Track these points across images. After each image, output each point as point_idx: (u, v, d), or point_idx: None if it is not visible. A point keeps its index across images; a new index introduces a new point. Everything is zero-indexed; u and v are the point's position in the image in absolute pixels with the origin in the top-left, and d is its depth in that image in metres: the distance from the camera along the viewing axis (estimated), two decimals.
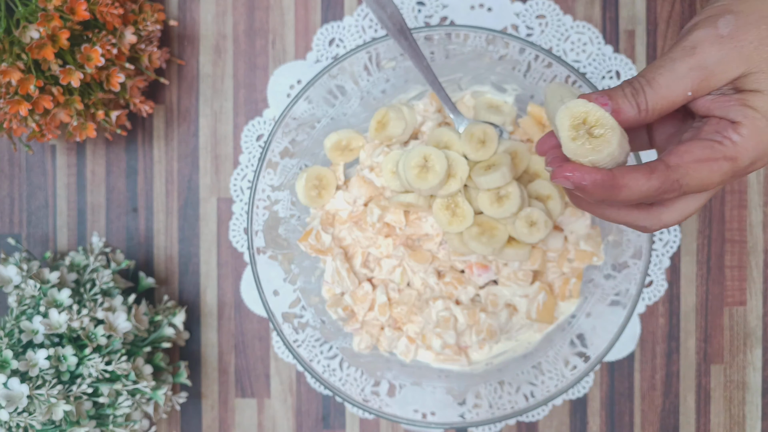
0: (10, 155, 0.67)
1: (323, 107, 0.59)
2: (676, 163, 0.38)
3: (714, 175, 0.38)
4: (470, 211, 0.55)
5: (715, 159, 0.38)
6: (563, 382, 0.58)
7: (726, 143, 0.38)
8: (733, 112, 0.38)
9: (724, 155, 0.38)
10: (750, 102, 0.38)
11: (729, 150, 0.38)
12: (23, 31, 0.53)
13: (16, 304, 0.58)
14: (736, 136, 0.38)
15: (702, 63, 0.38)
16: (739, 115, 0.38)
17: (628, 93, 0.39)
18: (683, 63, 0.38)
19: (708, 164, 0.38)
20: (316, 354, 0.60)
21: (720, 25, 0.38)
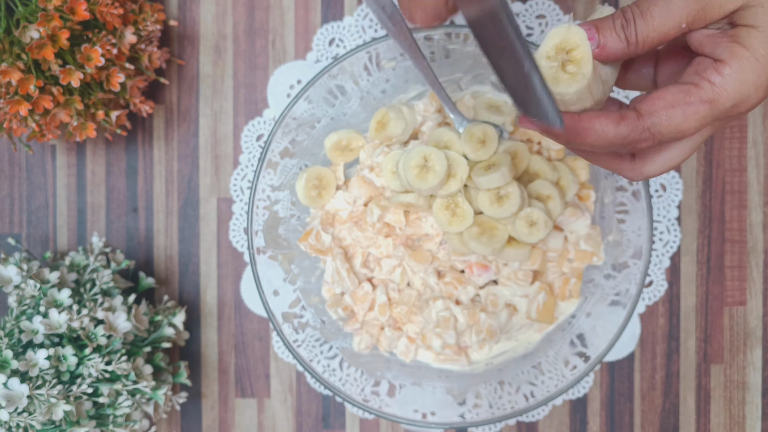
0: (10, 155, 0.67)
1: (323, 107, 0.59)
2: (647, 109, 0.36)
3: (689, 120, 0.36)
4: (470, 211, 0.55)
5: (689, 103, 0.36)
6: (563, 382, 0.58)
7: (703, 85, 0.36)
8: (720, 49, 0.36)
9: (700, 98, 0.36)
10: (741, 38, 0.35)
11: (706, 93, 0.36)
12: (23, 31, 0.53)
13: (16, 304, 0.58)
14: (717, 77, 0.35)
15: (698, 4, 0.35)
16: (725, 52, 0.35)
17: (618, 25, 0.36)
18: (681, 5, 0.35)
19: (681, 109, 0.36)
20: (316, 354, 0.60)
21: None
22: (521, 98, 0.36)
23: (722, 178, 0.66)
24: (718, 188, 0.66)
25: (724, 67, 0.36)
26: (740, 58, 0.35)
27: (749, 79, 0.35)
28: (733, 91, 0.36)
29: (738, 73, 0.35)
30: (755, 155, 0.66)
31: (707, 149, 0.66)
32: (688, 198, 0.66)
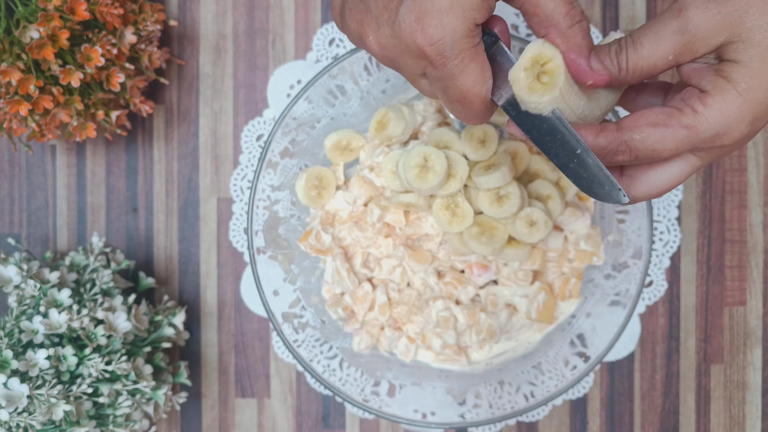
0: (10, 155, 0.67)
1: (323, 107, 0.59)
2: (628, 124, 0.38)
3: (665, 141, 0.38)
4: (470, 211, 0.55)
5: (668, 125, 0.37)
6: (563, 382, 0.58)
7: (686, 111, 0.37)
8: (705, 81, 0.37)
9: (680, 123, 0.37)
10: (725, 72, 0.37)
11: (687, 118, 0.37)
12: (23, 31, 0.53)
13: (16, 304, 0.58)
14: (700, 106, 0.37)
15: (685, 26, 0.37)
16: (709, 84, 0.37)
17: (613, 51, 0.38)
18: (668, 25, 0.37)
19: (661, 129, 0.37)
20: (316, 354, 0.60)
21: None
22: (583, 183, 0.40)
23: (722, 178, 0.66)
24: (718, 188, 0.66)
25: (707, 98, 0.37)
26: (723, 90, 0.37)
27: (731, 111, 0.37)
28: (714, 120, 0.37)
29: (720, 104, 0.37)
30: (755, 155, 0.66)
31: None
32: (688, 198, 0.66)
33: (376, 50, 0.40)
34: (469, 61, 0.38)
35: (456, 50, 0.38)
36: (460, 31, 0.37)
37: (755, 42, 0.36)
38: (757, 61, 0.36)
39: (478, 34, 0.39)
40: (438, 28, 0.37)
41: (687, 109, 0.37)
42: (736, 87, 0.36)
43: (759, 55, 0.36)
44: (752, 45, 0.36)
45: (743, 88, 0.36)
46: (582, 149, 0.39)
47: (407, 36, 0.38)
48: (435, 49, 0.38)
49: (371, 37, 0.40)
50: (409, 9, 0.37)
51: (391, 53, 0.39)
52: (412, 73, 0.41)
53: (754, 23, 0.36)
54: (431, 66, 0.39)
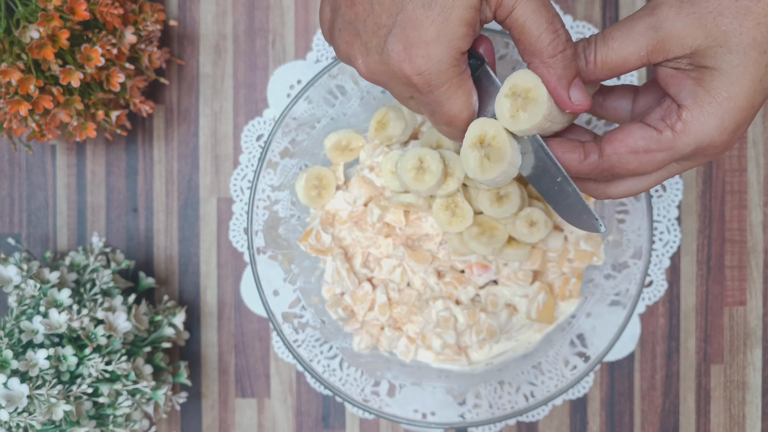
0: (10, 155, 0.67)
1: (323, 107, 0.59)
2: (609, 152, 0.39)
3: (645, 166, 0.38)
4: (470, 211, 0.55)
5: (649, 151, 0.38)
6: (563, 382, 0.58)
7: (666, 133, 0.37)
8: (684, 92, 0.37)
9: (660, 146, 0.37)
10: (704, 82, 0.36)
11: (667, 141, 0.37)
12: (23, 31, 0.53)
13: (16, 304, 0.58)
14: (679, 124, 0.37)
15: (658, 24, 0.36)
16: (688, 98, 0.37)
17: (580, 46, 0.39)
18: (641, 22, 0.37)
19: (640, 156, 0.38)
20: (316, 354, 0.60)
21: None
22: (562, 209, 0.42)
23: (722, 178, 0.66)
24: (718, 188, 0.66)
25: (686, 113, 0.37)
26: (702, 103, 0.36)
27: (712, 124, 0.36)
28: (694, 136, 0.37)
29: (699, 118, 0.36)
30: (755, 155, 0.66)
31: None
32: (688, 198, 0.66)
33: (365, 73, 0.41)
34: (456, 89, 0.39)
35: (442, 79, 0.38)
36: (446, 62, 0.38)
37: (732, 47, 0.35)
38: (737, 67, 0.36)
39: (464, 61, 0.39)
40: (425, 58, 0.38)
41: (667, 130, 0.37)
42: (716, 98, 0.36)
43: (737, 61, 0.36)
44: (730, 50, 0.35)
45: (724, 98, 0.36)
46: (563, 177, 0.40)
47: (395, 65, 0.38)
48: (422, 78, 0.38)
49: (360, 60, 0.40)
50: (397, 38, 0.38)
51: (379, 78, 0.40)
52: (400, 96, 0.41)
53: (729, 26, 0.35)
54: (418, 93, 0.39)
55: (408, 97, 0.41)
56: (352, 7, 0.39)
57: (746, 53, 0.35)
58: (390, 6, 0.37)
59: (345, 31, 0.40)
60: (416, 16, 0.37)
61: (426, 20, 0.37)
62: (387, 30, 0.38)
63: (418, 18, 0.37)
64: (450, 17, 0.37)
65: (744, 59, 0.35)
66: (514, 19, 0.37)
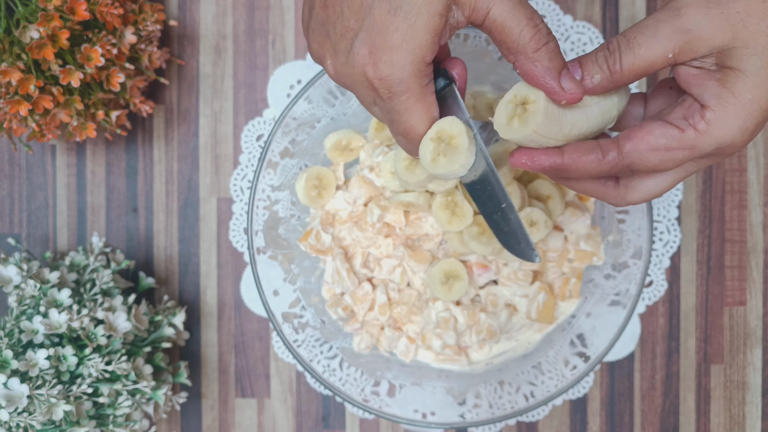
0: (10, 155, 0.67)
1: (323, 107, 0.59)
2: (629, 150, 0.38)
3: (666, 163, 0.38)
4: (470, 210, 0.55)
5: (670, 148, 0.37)
6: (563, 382, 0.58)
7: (688, 132, 0.37)
8: (708, 93, 0.37)
9: (682, 145, 0.37)
10: (728, 83, 0.36)
11: (689, 139, 0.37)
12: (23, 31, 0.53)
13: (16, 304, 0.58)
14: (702, 123, 0.37)
15: (686, 26, 0.36)
16: (712, 99, 0.36)
17: (600, 57, 0.38)
18: (667, 24, 0.37)
19: (661, 153, 0.38)
20: (316, 354, 0.60)
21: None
22: (502, 235, 0.44)
23: (722, 178, 0.66)
24: (718, 188, 0.66)
25: (710, 113, 0.37)
26: (726, 104, 0.36)
27: (734, 125, 0.36)
28: (717, 136, 0.37)
29: (723, 119, 0.36)
30: (755, 155, 0.66)
31: None
32: (688, 198, 0.66)
33: (333, 75, 0.41)
34: (415, 101, 0.39)
35: (402, 87, 0.38)
36: (408, 69, 0.38)
37: (759, 48, 0.35)
38: (762, 69, 0.36)
39: (428, 74, 0.39)
40: (387, 63, 0.38)
41: (689, 129, 0.37)
42: (740, 99, 0.36)
43: (762, 63, 0.36)
44: (756, 52, 0.35)
45: (748, 99, 0.36)
46: (507, 204, 0.40)
47: (359, 67, 0.38)
48: (382, 83, 0.38)
49: (329, 61, 0.40)
50: (362, 42, 0.38)
51: (345, 80, 0.40)
52: (364, 101, 0.41)
53: (756, 28, 0.35)
54: (380, 98, 0.39)
55: (372, 103, 0.41)
56: (324, 8, 0.39)
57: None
58: (358, 10, 0.38)
59: (317, 31, 0.41)
60: (382, 21, 0.37)
61: (391, 26, 0.37)
62: (354, 33, 0.38)
63: (383, 23, 0.37)
64: (414, 24, 0.37)
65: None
66: (492, 20, 0.37)
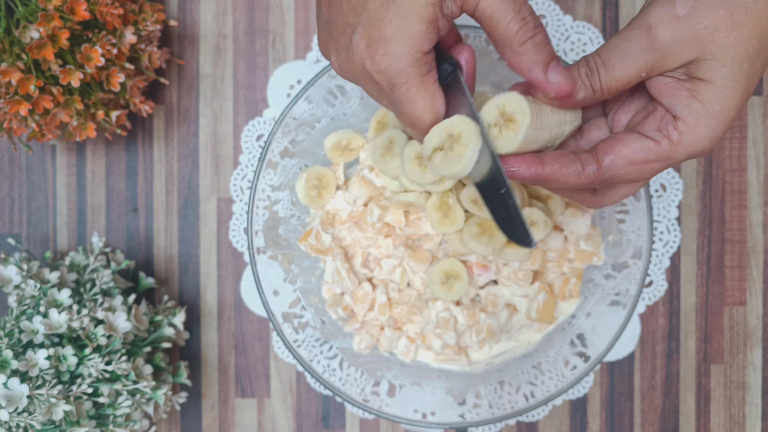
0: (10, 155, 0.67)
1: (323, 107, 0.59)
2: (608, 164, 0.39)
3: (645, 174, 0.40)
4: (461, 215, 0.55)
5: (647, 161, 0.39)
6: (563, 382, 0.58)
7: (663, 144, 0.38)
8: (680, 104, 0.38)
9: (658, 157, 0.39)
10: (698, 94, 0.37)
11: (664, 151, 0.38)
12: (23, 31, 0.53)
13: (16, 304, 0.58)
14: (675, 135, 0.38)
15: (656, 45, 0.37)
16: (684, 110, 0.38)
17: (583, 74, 0.39)
18: (638, 44, 0.38)
19: (639, 166, 0.39)
20: (316, 354, 0.60)
21: (678, 5, 0.37)
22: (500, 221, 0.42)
23: (722, 178, 0.66)
24: (718, 188, 0.66)
25: (683, 125, 0.38)
26: (698, 115, 0.38)
27: (706, 135, 0.38)
28: (690, 146, 0.38)
29: (695, 130, 0.38)
30: (755, 155, 0.66)
31: None
32: (688, 198, 0.66)
33: (338, 71, 0.42)
34: (416, 90, 0.39)
35: (402, 78, 0.39)
36: (405, 60, 0.38)
37: (727, 60, 0.37)
38: (731, 81, 0.37)
39: (428, 62, 0.39)
40: (384, 56, 0.38)
41: (664, 141, 0.38)
42: (711, 110, 0.37)
43: (731, 74, 0.37)
44: (725, 63, 0.37)
45: (718, 110, 0.37)
46: (506, 189, 0.40)
47: (358, 62, 0.39)
48: (382, 76, 0.39)
49: (333, 57, 0.41)
50: (360, 36, 0.38)
51: (349, 75, 0.41)
52: (371, 94, 0.42)
53: (724, 40, 0.36)
54: (383, 92, 0.40)
55: (378, 96, 0.41)
56: (329, 7, 0.40)
57: (739, 67, 0.37)
58: (356, 5, 0.38)
59: (323, 29, 0.42)
60: (376, 14, 0.37)
61: (384, 18, 0.37)
62: (352, 29, 0.39)
63: (378, 16, 0.37)
64: (407, 15, 0.37)
65: (737, 72, 0.37)
66: (481, 11, 0.37)
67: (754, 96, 0.66)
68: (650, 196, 0.58)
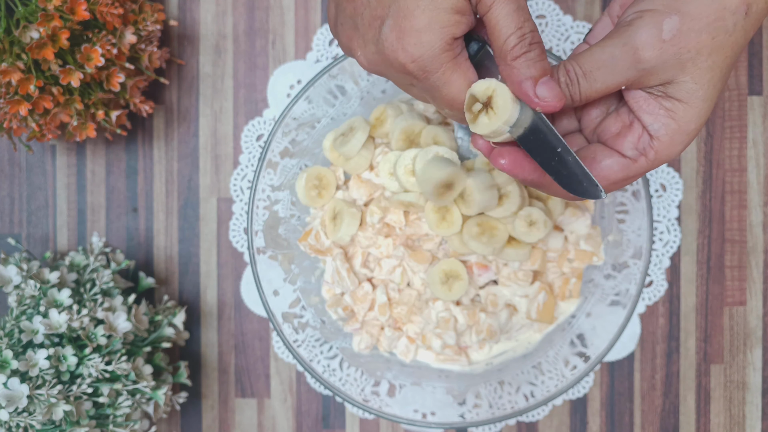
0: (10, 155, 0.67)
1: (323, 107, 0.59)
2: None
3: (619, 187, 0.43)
4: (459, 219, 0.56)
5: (627, 179, 0.41)
6: (563, 382, 0.58)
7: (640, 161, 0.40)
8: (657, 123, 0.40)
9: (636, 173, 0.41)
10: (675, 114, 0.39)
11: (641, 168, 0.41)
12: (23, 31, 0.53)
13: (16, 304, 0.58)
14: (652, 152, 0.40)
15: (640, 65, 0.39)
16: (661, 129, 0.40)
17: (563, 83, 0.40)
18: (622, 61, 0.39)
19: (620, 184, 0.42)
20: (316, 354, 0.60)
21: (665, 28, 0.38)
22: (564, 180, 0.41)
23: (722, 178, 0.66)
24: (718, 188, 0.66)
25: (659, 143, 0.40)
26: (673, 135, 0.40)
27: (678, 150, 0.41)
28: (664, 160, 0.41)
29: (669, 147, 0.40)
30: (755, 155, 0.66)
31: (707, 149, 0.66)
32: (688, 198, 0.66)
33: (365, 65, 0.42)
34: (451, 73, 0.40)
35: (436, 64, 0.39)
36: (438, 47, 0.39)
37: (705, 82, 0.38)
38: (705, 101, 0.39)
39: (459, 44, 0.40)
40: (417, 46, 0.39)
41: (641, 158, 0.40)
42: (685, 129, 0.39)
43: (707, 95, 0.39)
44: (702, 85, 0.38)
45: (692, 129, 0.40)
46: (562, 147, 0.40)
47: (390, 54, 0.40)
48: (416, 65, 0.39)
49: (359, 53, 0.42)
50: (390, 28, 0.39)
51: (378, 68, 0.42)
52: (401, 84, 0.43)
53: (704, 64, 0.38)
54: (416, 80, 0.40)
55: (409, 85, 0.42)
56: (352, 1, 0.41)
57: (714, 86, 0.39)
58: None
59: (346, 25, 0.42)
60: (407, 6, 0.38)
61: (417, 9, 0.38)
62: (381, 21, 0.39)
63: (409, 8, 0.38)
64: (440, 5, 0.38)
65: (711, 92, 0.39)
66: (489, 18, 0.38)
67: (754, 96, 0.66)
68: (650, 196, 0.58)
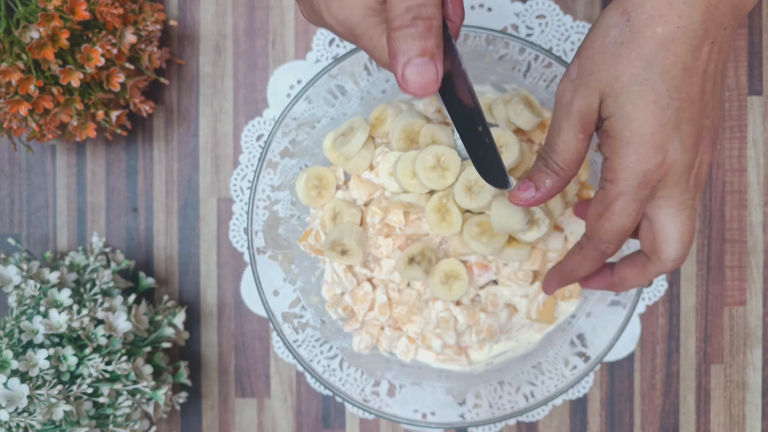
0: (10, 155, 0.67)
1: (323, 107, 0.59)
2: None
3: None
4: (459, 220, 0.55)
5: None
6: (563, 382, 0.58)
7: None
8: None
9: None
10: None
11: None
12: (23, 31, 0.53)
13: (16, 304, 0.58)
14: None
15: (575, 116, 0.40)
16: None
17: (542, 165, 0.43)
18: (567, 124, 0.41)
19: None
20: (316, 354, 0.60)
21: (570, 71, 0.41)
22: (482, 167, 0.45)
23: (722, 178, 0.66)
24: (718, 188, 0.66)
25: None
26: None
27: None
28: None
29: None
30: (755, 155, 0.66)
31: None
32: None
33: (306, 19, 0.42)
34: (380, 38, 0.39)
35: (362, 29, 0.39)
36: (360, 12, 0.38)
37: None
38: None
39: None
40: (339, 8, 0.39)
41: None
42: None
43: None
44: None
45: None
46: (483, 126, 0.42)
47: (317, 14, 0.40)
48: (343, 28, 0.39)
49: (306, 15, 0.42)
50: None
51: (318, 25, 0.42)
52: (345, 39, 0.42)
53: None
54: (350, 41, 0.40)
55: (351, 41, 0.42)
56: None
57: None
58: None
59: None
60: None
61: None
62: None
63: None
64: None
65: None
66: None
67: (754, 96, 0.66)
68: None
